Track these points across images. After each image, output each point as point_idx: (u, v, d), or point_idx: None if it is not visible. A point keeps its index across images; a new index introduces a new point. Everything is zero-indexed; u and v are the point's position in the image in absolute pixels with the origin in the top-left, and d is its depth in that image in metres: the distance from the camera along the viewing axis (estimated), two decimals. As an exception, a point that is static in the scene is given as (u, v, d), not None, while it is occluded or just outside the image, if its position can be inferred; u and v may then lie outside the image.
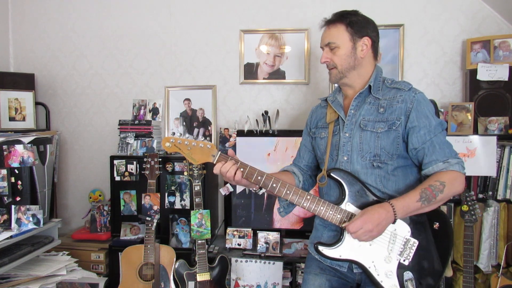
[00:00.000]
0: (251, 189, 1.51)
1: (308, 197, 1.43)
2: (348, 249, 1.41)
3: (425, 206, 1.36)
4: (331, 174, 1.45)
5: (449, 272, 2.28)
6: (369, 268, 1.40)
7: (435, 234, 1.43)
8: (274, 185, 1.42)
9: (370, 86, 1.49)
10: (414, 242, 1.40)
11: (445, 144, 1.41)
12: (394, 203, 1.35)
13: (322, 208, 1.42)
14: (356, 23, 1.47)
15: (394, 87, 1.48)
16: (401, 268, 1.40)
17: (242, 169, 1.41)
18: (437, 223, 1.43)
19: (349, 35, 1.47)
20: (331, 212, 1.42)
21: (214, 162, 1.42)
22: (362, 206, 1.41)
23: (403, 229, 1.40)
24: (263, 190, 1.48)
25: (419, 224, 1.42)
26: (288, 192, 1.43)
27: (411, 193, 1.37)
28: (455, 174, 1.37)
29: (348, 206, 1.42)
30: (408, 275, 1.39)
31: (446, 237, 1.44)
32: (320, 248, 1.43)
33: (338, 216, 1.41)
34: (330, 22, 1.51)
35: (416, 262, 1.40)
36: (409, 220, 1.41)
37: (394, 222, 1.36)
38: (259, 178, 1.42)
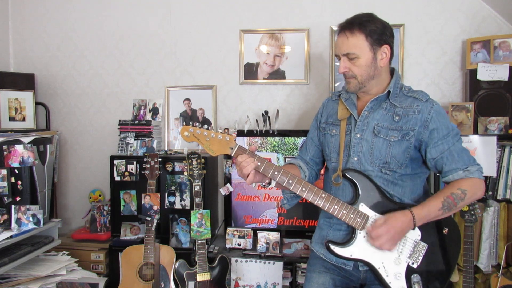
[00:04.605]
0: (261, 183, 1.51)
1: (323, 195, 1.43)
2: (359, 248, 1.42)
3: (445, 213, 1.38)
4: (346, 174, 1.45)
5: (455, 277, 2.25)
6: (379, 269, 1.41)
7: (444, 239, 1.44)
8: (290, 181, 1.43)
9: (389, 91, 1.47)
10: (424, 246, 1.41)
11: (463, 152, 1.42)
12: (415, 212, 1.36)
13: (336, 207, 1.42)
14: (375, 32, 1.41)
15: (411, 96, 1.46)
16: (409, 270, 1.41)
17: (259, 163, 1.41)
18: (447, 229, 1.44)
19: (369, 44, 1.41)
20: (345, 212, 1.42)
21: (232, 154, 1.43)
22: (375, 208, 1.42)
23: (413, 232, 1.41)
24: (272, 185, 1.48)
25: (429, 228, 1.43)
26: (303, 189, 1.43)
27: (433, 201, 1.38)
28: (476, 181, 1.39)
29: (361, 207, 1.43)
30: (416, 278, 1.40)
31: (454, 242, 1.46)
32: (332, 246, 1.44)
33: (352, 216, 1.42)
34: (348, 29, 1.42)
35: (424, 265, 1.41)
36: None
37: (413, 229, 1.38)
38: (275, 173, 1.42)
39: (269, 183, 1.49)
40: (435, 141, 1.40)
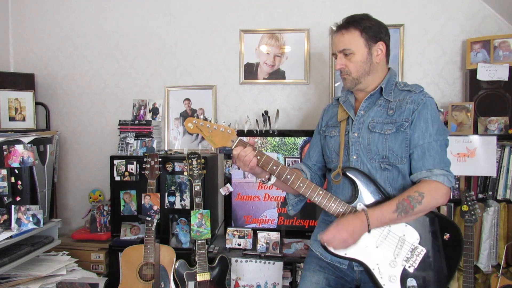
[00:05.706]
0: (259, 179, 1.53)
1: (321, 192, 1.44)
2: (354, 248, 1.41)
3: (403, 217, 1.35)
4: (347, 172, 1.45)
5: (454, 285, 2.22)
6: (373, 270, 1.40)
7: (445, 245, 1.41)
8: (289, 176, 1.43)
9: (381, 88, 1.48)
10: (422, 250, 1.39)
11: (437, 153, 1.37)
12: (369, 213, 1.35)
13: (333, 204, 1.42)
14: (370, 28, 1.44)
15: (406, 89, 1.47)
16: (405, 274, 1.38)
17: (259, 157, 1.43)
18: (448, 234, 1.41)
19: (364, 40, 1.44)
20: (341, 210, 1.42)
21: (232, 147, 1.45)
22: (373, 207, 1.40)
23: (412, 235, 1.39)
24: (272, 181, 1.50)
25: (430, 233, 1.40)
26: (301, 185, 1.44)
27: (388, 203, 1.36)
28: (436, 185, 1.35)
29: (359, 205, 1.42)
30: (411, 282, 1.38)
31: (456, 249, 1.42)
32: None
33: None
34: (343, 27, 1.46)
35: (421, 270, 1.39)
36: (420, 227, 1.40)
37: (369, 231, 1.36)
38: (274, 167, 1.43)
39: (269, 179, 1.50)
40: (411, 133, 1.40)
